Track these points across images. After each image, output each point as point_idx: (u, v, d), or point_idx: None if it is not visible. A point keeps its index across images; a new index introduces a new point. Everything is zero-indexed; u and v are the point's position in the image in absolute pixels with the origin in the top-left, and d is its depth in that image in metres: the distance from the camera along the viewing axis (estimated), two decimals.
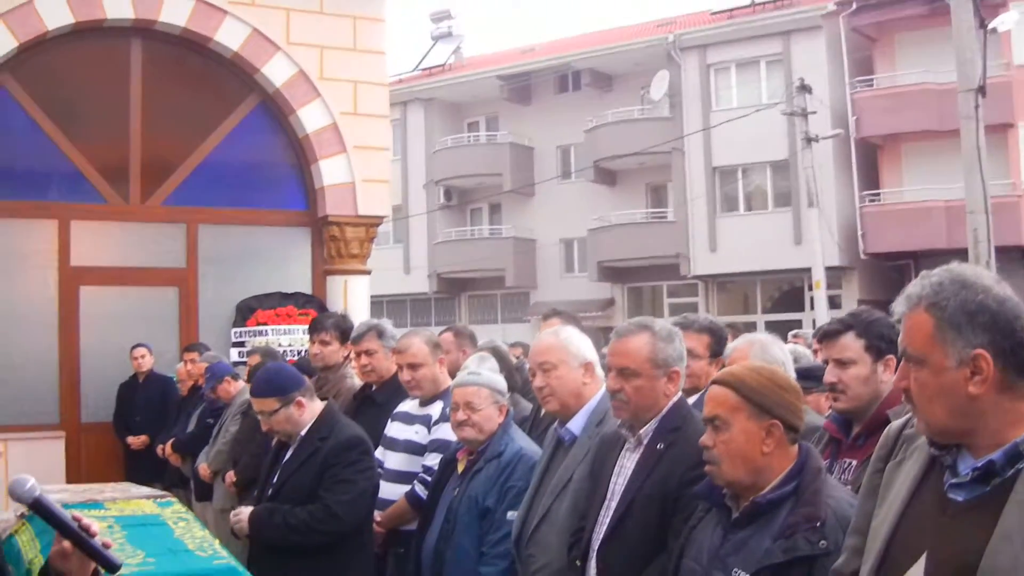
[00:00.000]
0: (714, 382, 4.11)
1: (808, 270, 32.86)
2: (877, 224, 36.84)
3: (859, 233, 37.35)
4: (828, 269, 32.13)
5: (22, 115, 13.14)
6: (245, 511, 6.29)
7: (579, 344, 5.56)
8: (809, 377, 5.85)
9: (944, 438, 2.95)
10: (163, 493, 6.71)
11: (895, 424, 3.33)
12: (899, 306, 3.00)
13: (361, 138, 14.24)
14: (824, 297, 31.05)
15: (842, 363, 4.85)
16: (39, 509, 3.03)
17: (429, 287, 46.66)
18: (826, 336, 5.01)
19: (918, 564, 2.89)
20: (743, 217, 40.41)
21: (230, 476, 9.53)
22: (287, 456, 6.46)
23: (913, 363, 2.95)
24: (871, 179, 37.98)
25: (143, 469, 11.85)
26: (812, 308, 33.44)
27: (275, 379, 6.44)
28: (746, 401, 3.95)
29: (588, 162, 42.84)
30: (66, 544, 3.02)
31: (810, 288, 33.89)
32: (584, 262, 43.94)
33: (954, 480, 2.92)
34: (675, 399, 4.85)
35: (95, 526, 3.05)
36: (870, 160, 38.11)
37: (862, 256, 36.94)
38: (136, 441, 12.75)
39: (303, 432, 6.35)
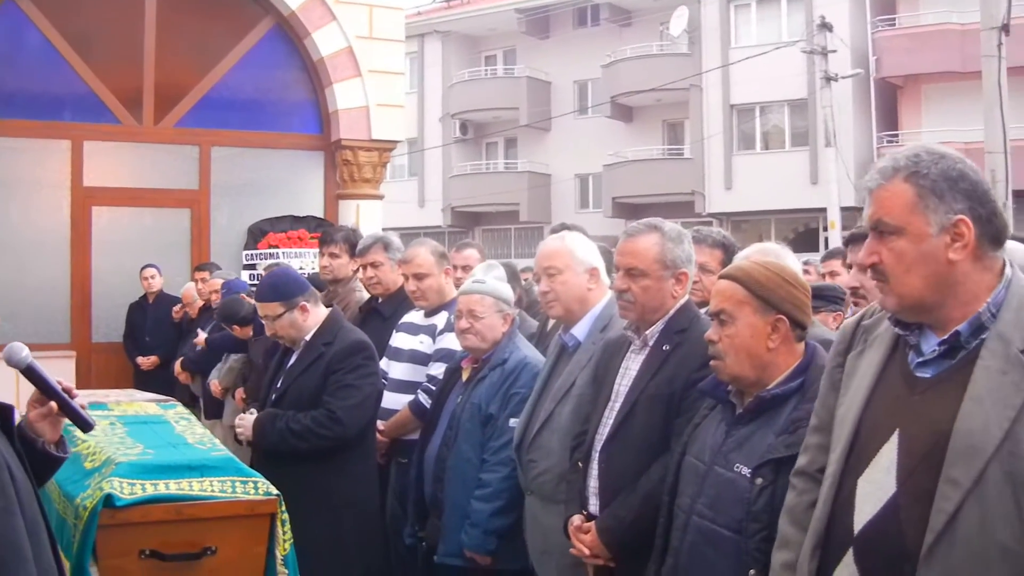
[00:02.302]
0: (721, 276, 4.09)
1: (824, 210, 32.74)
2: None
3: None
4: (844, 209, 31.95)
5: (37, 36, 13.07)
6: (249, 417, 6.28)
7: (585, 249, 5.51)
8: (818, 296, 5.82)
9: (913, 312, 2.97)
10: (167, 397, 6.71)
11: (851, 319, 3.35)
12: (870, 181, 3.02)
13: (376, 62, 14.16)
14: (839, 237, 30.89)
15: (866, 268, 4.81)
16: (29, 374, 3.39)
17: (443, 220, 46.62)
18: (852, 240, 4.98)
19: (890, 442, 2.91)
20: (759, 156, 40.26)
21: (240, 393, 9.54)
22: (290, 361, 6.44)
23: (889, 234, 2.95)
24: (890, 120, 37.76)
25: (153, 389, 11.72)
26: (827, 248, 33.34)
27: (280, 283, 6.41)
28: (753, 295, 3.93)
29: (605, 98, 42.68)
30: (52, 405, 3.38)
31: (825, 228, 33.77)
32: (599, 198, 43.87)
33: (920, 359, 2.95)
34: (682, 301, 4.81)
35: (75, 390, 3.46)
36: (889, 101, 37.87)
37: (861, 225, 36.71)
38: (146, 361, 12.78)
39: (307, 338, 6.33)
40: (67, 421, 3.56)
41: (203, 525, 4.14)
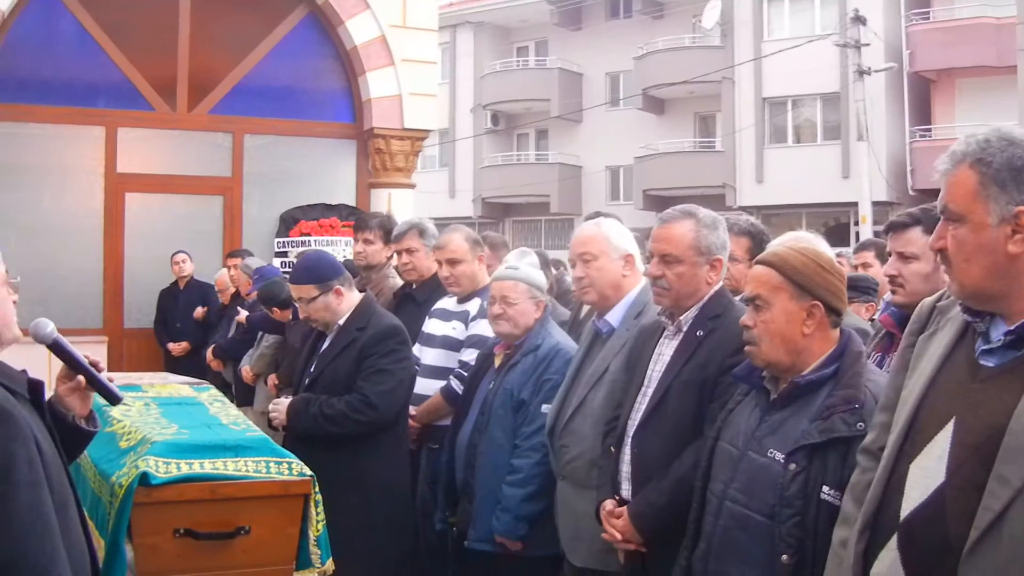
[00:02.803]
0: (757, 261, 4.09)
1: (855, 204, 32.66)
2: (927, 160, 36.33)
3: (908, 169, 36.99)
4: (875, 204, 31.89)
5: (72, 23, 13.17)
6: (283, 402, 6.30)
7: (620, 236, 5.50)
8: (851, 287, 5.79)
9: (977, 301, 2.92)
10: (200, 380, 6.74)
11: (929, 299, 3.30)
12: (942, 164, 2.96)
13: (409, 51, 14.17)
14: (870, 232, 30.73)
15: (905, 257, 4.78)
16: (56, 348, 3.45)
17: (474, 211, 46.60)
18: (892, 228, 4.92)
19: (945, 430, 2.87)
20: (791, 149, 40.11)
21: (272, 379, 9.57)
22: (324, 346, 6.45)
23: (953, 221, 2.91)
24: (923, 114, 37.55)
25: (183, 374, 11.86)
26: (858, 241, 33.15)
27: (315, 266, 6.42)
28: (788, 281, 3.92)
29: (637, 90, 42.59)
30: (80, 379, 3.44)
31: (856, 223, 33.66)
32: (630, 190, 43.77)
33: (985, 346, 2.89)
34: (716, 287, 4.80)
35: (102, 363, 3.52)
36: (922, 95, 37.65)
37: (910, 192, 36.53)
38: (177, 347, 12.85)
39: (340, 322, 6.34)
40: (97, 396, 3.61)
41: (237, 505, 4.15)
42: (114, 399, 3.58)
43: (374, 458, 6.18)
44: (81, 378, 3.49)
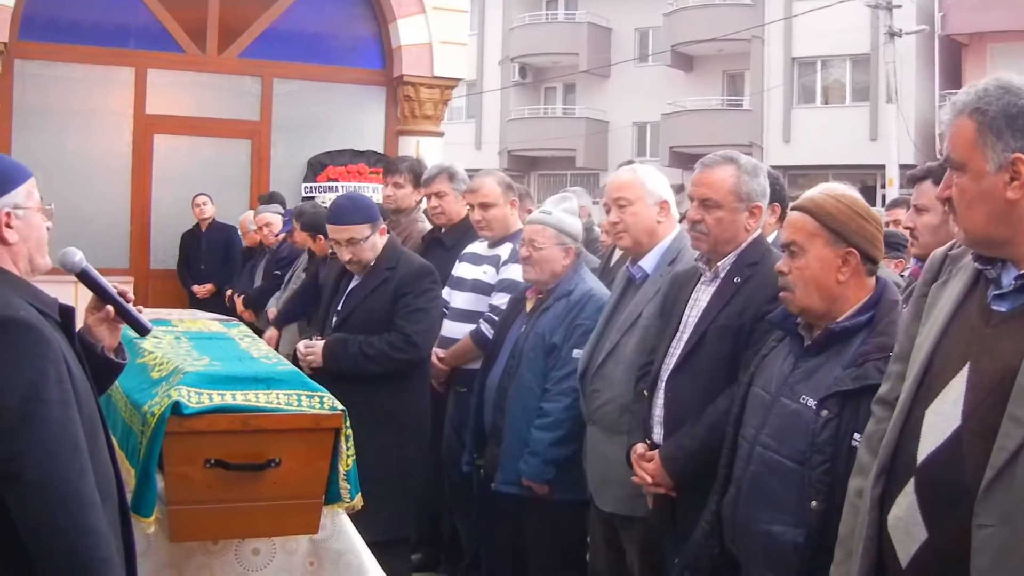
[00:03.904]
0: (793, 208, 4.07)
1: (882, 167, 32.51)
2: None
3: (937, 132, 36.69)
4: (903, 167, 31.62)
5: None
6: (317, 343, 6.28)
7: (656, 182, 5.47)
8: None
9: (984, 247, 2.94)
10: (229, 317, 6.74)
11: (940, 248, 3.30)
12: (945, 114, 3.00)
13: None
14: (897, 195, 30.60)
15: (919, 209, 4.78)
16: (84, 278, 3.45)
17: (499, 163, 46.39)
18: (910, 180, 4.94)
19: (960, 375, 2.88)
20: (819, 110, 39.98)
21: (271, 311, 9.68)
22: (351, 286, 6.45)
23: (955, 170, 2.93)
24: (953, 78, 37.24)
25: None
26: (884, 206, 33.05)
27: (364, 206, 6.40)
28: (824, 227, 3.90)
29: (666, 46, 42.46)
30: (109, 308, 3.50)
31: (883, 186, 33.50)
32: (656, 147, 43.69)
33: (997, 291, 2.91)
34: (755, 234, 4.77)
35: (130, 293, 3.53)
36: (953, 58, 37.39)
37: (938, 156, 36.08)
38: (202, 290, 12.81)
39: (371, 263, 6.33)
40: (126, 329, 3.61)
41: (268, 437, 4.14)
42: (142, 329, 3.59)
43: (404, 393, 6.21)
44: (110, 308, 3.50)
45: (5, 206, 3.12)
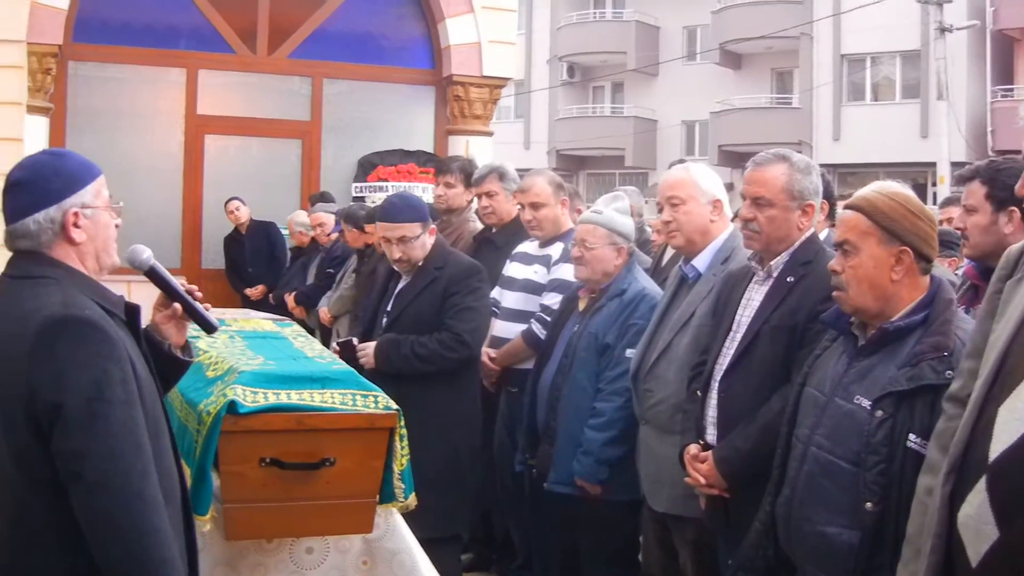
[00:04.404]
0: (846, 206, 4.04)
1: (933, 165, 32.28)
2: (1008, 120, 35.87)
3: (988, 129, 36.50)
4: (954, 164, 31.40)
5: None
6: (369, 345, 6.31)
7: (709, 180, 5.46)
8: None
9: None
10: (282, 317, 6.79)
11: (1016, 245, 3.27)
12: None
13: None
14: (948, 193, 30.37)
15: (967, 209, 4.75)
16: (152, 276, 3.46)
17: (548, 163, 46.31)
18: (959, 180, 4.91)
19: None
20: (869, 107, 39.78)
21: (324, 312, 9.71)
22: (400, 287, 6.47)
23: None
24: (1005, 74, 37.01)
25: None
26: (935, 203, 32.82)
27: (416, 204, 6.42)
28: (877, 226, 3.87)
29: (714, 44, 42.34)
30: (176, 306, 3.51)
31: (934, 183, 33.26)
32: (705, 145, 43.61)
33: None
34: (808, 233, 4.74)
35: (198, 292, 3.54)
36: (1005, 54, 37.11)
37: (990, 153, 35.89)
38: (255, 292, 12.80)
39: (420, 262, 6.35)
40: (192, 326, 3.62)
41: (323, 436, 4.16)
42: (210, 327, 3.60)
43: (454, 392, 6.24)
44: (178, 306, 3.51)
45: (73, 206, 3.14)
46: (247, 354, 4.71)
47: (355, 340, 6.42)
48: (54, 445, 2.90)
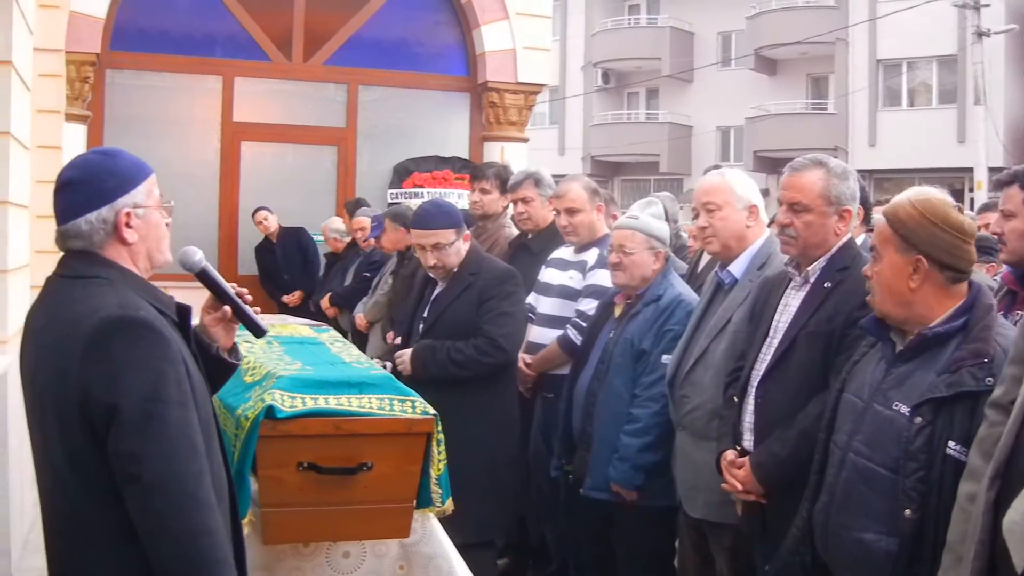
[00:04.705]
0: (882, 212, 4.03)
1: (970, 170, 32.15)
2: None
3: None
4: (991, 170, 31.20)
5: None
6: (406, 352, 6.32)
7: (745, 186, 5.46)
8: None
9: None
10: (319, 323, 6.81)
11: None
12: None
13: (523, 5, 14.11)
14: (986, 198, 30.16)
15: (1005, 215, 4.71)
16: (203, 277, 3.46)
17: (583, 169, 46.36)
18: (996, 185, 4.88)
19: None
20: (905, 112, 39.64)
21: (390, 336, 9.66)
22: (436, 293, 6.49)
23: None
24: None
25: None
26: (972, 209, 32.62)
27: (450, 211, 6.45)
28: (895, 234, 3.87)
29: (749, 50, 42.34)
30: (226, 309, 3.52)
31: (971, 189, 33.10)
32: (740, 151, 43.54)
33: None
34: (845, 239, 4.72)
35: (248, 295, 3.54)
36: None
37: None
38: (292, 298, 12.86)
39: (454, 268, 6.37)
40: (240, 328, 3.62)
41: (360, 441, 4.17)
42: (259, 331, 3.59)
43: (491, 397, 6.25)
44: (228, 309, 3.52)
45: (125, 206, 3.14)
46: (285, 359, 4.73)
47: (387, 364, 6.42)
48: (109, 446, 2.90)
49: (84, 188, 3.13)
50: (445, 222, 6.29)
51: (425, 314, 6.51)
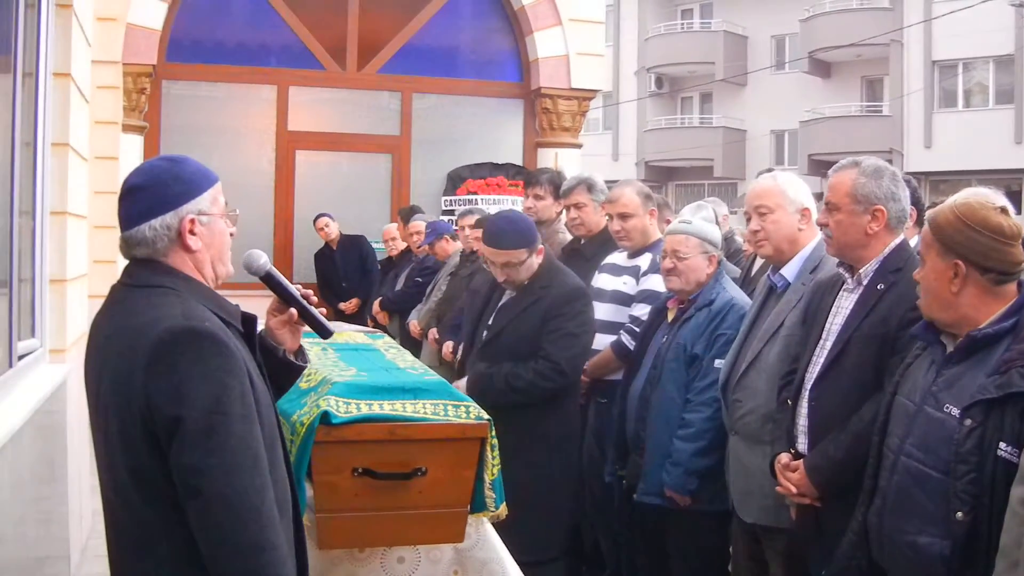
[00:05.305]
0: (926, 217, 4.03)
1: None
2: None
3: None
4: None
5: None
6: (461, 382, 6.16)
7: (797, 189, 5.45)
8: None
9: None
10: (373, 329, 6.85)
11: None
12: None
13: (576, 11, 14.14)
14: None
15: None
16: (269, 280, 3.44)
17: (637, 174, 46.41)
18: None
19: None
20: (961, 114, 39.30)
21: (432, 333, 9.69)
22: (504, 301, 6.45)
23: None
24: None
25: None
26: None
27: (524, 229, 6.30)
28: (935, 238, 3.87)
29: (803, 52, 42.12)
30: (292, 312, 3.45)
31: None
32: (795, 155, 43.33)
33: None
34: (898, 240, 4.70)
35: (313, 297, 3.50)
36: None
37: None
38: (349, 306, 12.92)
39: (525, 282, 6.30)
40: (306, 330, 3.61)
41: (415, 446, 4.19)
42: (325, 332, 3.55)
43: (553, 415, 6.19)
44: (294, 311, 3.49)
45: (190, 212, 3.11)
46: (340, 365, 4.76)
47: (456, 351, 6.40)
48: (172, 459, 2.86)
49: (149, 194, 3.10)
50: (516, 241, 6.21)
51: (490, 322, 6.47)
